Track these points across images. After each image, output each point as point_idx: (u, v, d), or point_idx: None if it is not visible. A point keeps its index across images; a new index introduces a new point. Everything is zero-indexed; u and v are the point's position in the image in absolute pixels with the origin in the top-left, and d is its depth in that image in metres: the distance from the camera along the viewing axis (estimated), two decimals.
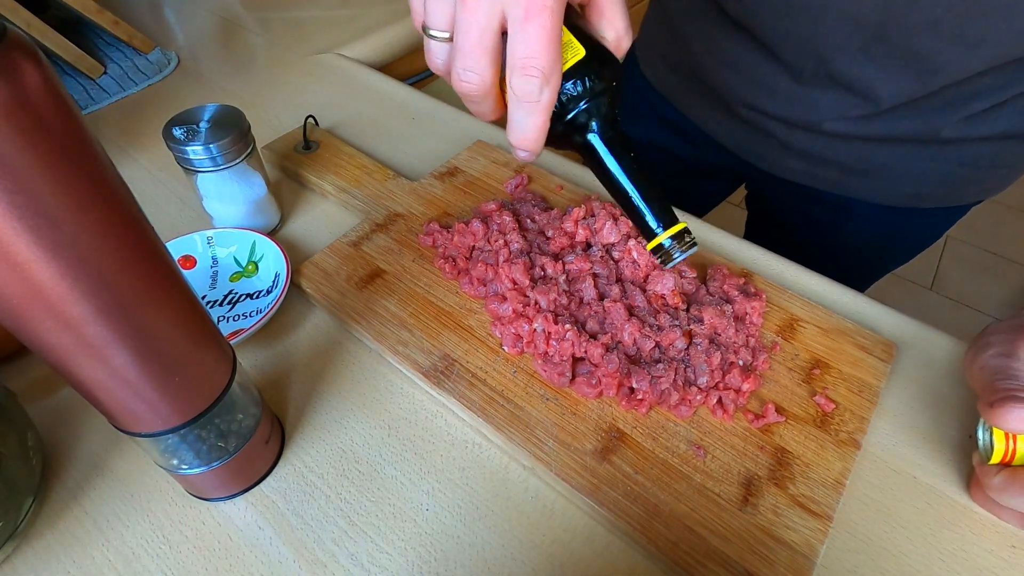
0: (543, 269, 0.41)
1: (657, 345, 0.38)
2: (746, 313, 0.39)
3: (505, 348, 0.39)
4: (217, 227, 0.46)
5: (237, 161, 0.42)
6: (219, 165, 0.41)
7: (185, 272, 0.44)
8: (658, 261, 0.30)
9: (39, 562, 0.31)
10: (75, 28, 0.71)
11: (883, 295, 0.46)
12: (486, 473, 0.35)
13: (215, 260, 0.45)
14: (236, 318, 0.42)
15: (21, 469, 0.31)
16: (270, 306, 0.40)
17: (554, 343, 0.37)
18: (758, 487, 0.33)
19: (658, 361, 0.37)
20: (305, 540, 0.32)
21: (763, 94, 0.50)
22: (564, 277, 0.41)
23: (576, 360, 0.37)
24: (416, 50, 0.81)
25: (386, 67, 0.76)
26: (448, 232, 0.44)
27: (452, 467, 0.35)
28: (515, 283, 0.40)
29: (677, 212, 0.49)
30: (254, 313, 0.42)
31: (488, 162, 0.52)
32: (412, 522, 0.33)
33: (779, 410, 0.36)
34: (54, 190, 0.18)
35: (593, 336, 0.38)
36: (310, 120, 0.55)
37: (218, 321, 0.42)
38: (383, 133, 0.59)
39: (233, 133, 0.41)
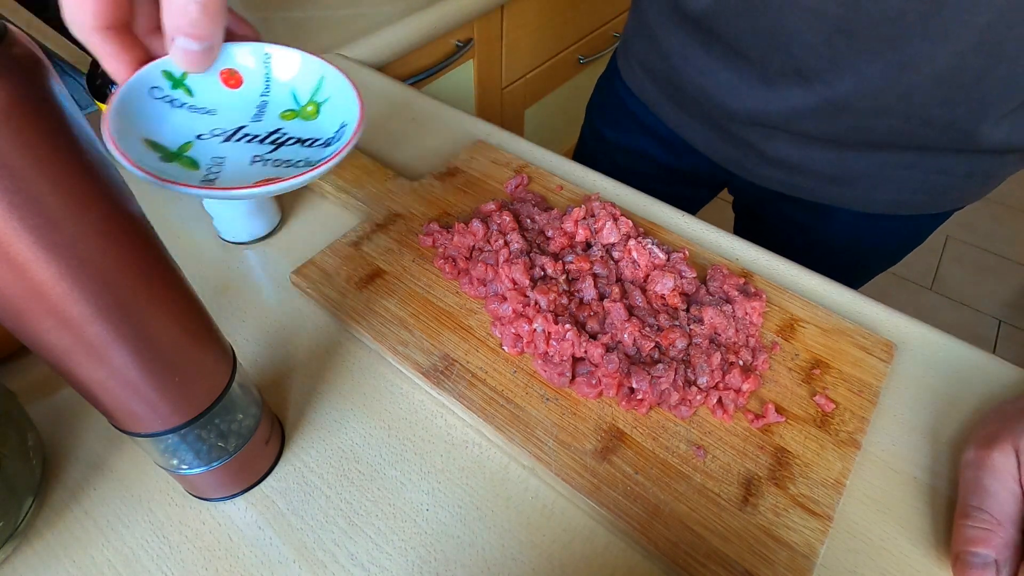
0: (543, 269, 0.41)
1: (657, 345, 0.38)
2: (746, 313, 0.40)
3: (505, 348, 0.39)
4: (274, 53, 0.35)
5: None
6: None
7: (227, 89, 0.36)
8: None
9: (39, 562, 0.31)
10: None
11: (883, 295, 0.46)
12: (486, 473, 0.35)
13: (268, 86, 0.36)
14: (276, 164, 0.34)
15: (21, 469, 0.31)
16: (322, 160, 0.31)
17: (554, 343, 0.37)
18: (758, 487, 0.33)
19: (658, 361, 0.37)
20: (305, 540, 0.32)
21: (734, 97, 0.50)
22: (564, 277, 0.41)
23: (576, 360, 0.37)
24: (416, 50, 0.81)
25: (386, 67, 0.77)
26: (448, 232, 0.45)
27: (452, 467, 0.35)
28: (515, 283, 0.40)
29: (666, 209, 0.49)
30: (300, 163, 0.34)
31: (488, 162, 0.52)
32: (412, 522, 0.33)
33: (779, 410, 0.36)
34: (54, 190, 0.18)
35: (593, 336, 0.38)
36: None
37: (252, 161, 0.34)
38: (383, 133, 0.59)
39: None
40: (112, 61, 0.29)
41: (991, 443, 0.32)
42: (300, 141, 0.35)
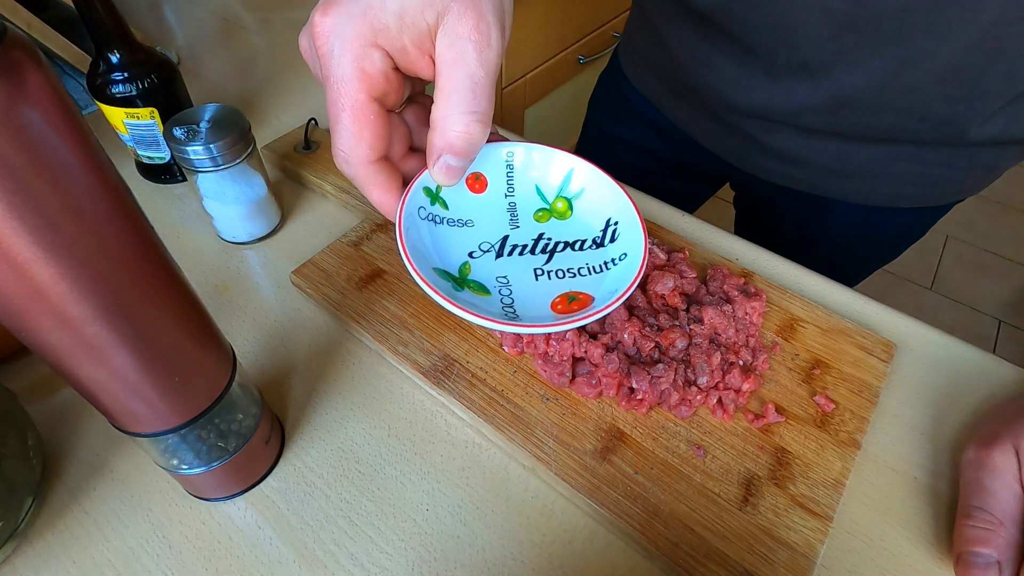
0: None
1: (657, 345, 0.38)
2: (746, 313, 0.39)
3: (505, 348, 0.39)
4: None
5: (237, 161, 0.42)
6: (219, 165, 0.41)
7: (473, 195, 0.35)
8: None
9: (39, 562, 0.31)
10: (75, 28, 0.71)
11: (883, 295, 0.46)
12: (486, 473, 0.35)
13: (511, 186, 0.35)
14: (559, 275, 0.32)
15: (21, 469, 0.31)
16: (633, 277, 0.29)
17: (554, 343, 0.37)
18: (758, 487, 0.33)
19: (658, 361, 0.37)
20: (305, 540, 0.32)
21: (739, 92, 0.50)
22: None
23: (576, 360, 0.37)
24: None
25: None
26: None
27: (452, 467, 0.35)
28: None
29: (666, 208, 0.48)
30: (582, 271, 0.32)
31: None
32: (412, 522, 0.33)
33: (779, 410, 0.36)
34: (54, 190, 0.18)
35: (593, 336, 0.38)
36: (311, 121, 0.55)
37: (536, 277, 0.33)
38: None
39: (233, 133, 0.41)
40: (382, 191, 0.30)
41: (991, 442, 0.32)
42: (568, 245, 0.34)
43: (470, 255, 0.34)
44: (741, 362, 0.38)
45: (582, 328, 0.38)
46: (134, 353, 0.23)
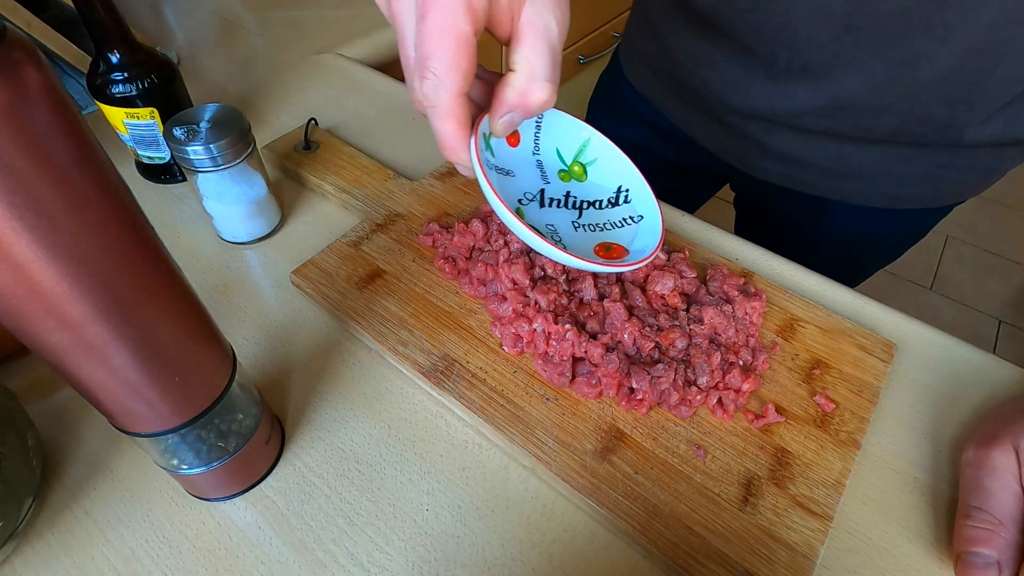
0: (543, 269, 0.41)
1: (657, 345, 0.38)
2: (746, 313, 0.39)
3: (505, 348, 0.39)
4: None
5: (237, 161, 0.42)
6: (219, 165, 0.41)
7: (509, 148, 0.38)
8: None
9: (39, 562, 0.31)
10: (75, 28, 0.70)
11: (883, 295, 0.46)
12: (486, 473, 0.35)
13: (536, 144, 0.39)
14: (591, 228, 0.37)
15: (21, 469, 0.31)
16: (660, 230, 0.35)
17: (554, 343, 0.37)
18: (758, 487, 0.33)
19: (658, 361, 0.37)
20: (305, 540, 0.32)
21: (739, 93, 0.50)
22: (564, 277, 0.41)
23: (576, 360, 0.37)
24: None
25: (386, 67, 0.76)
26: (448, 232, 0.44)
27: (452, 467, 0.35)
28: (515, 283, 0.40)
29: (666, 208, 0.49)
30: (606, 226, 0.37)
31: None
32: (412, 522, 0.33)
33: (779, 410, 0.36)
34: (54, 190, 0.18)
35: (593, 336, 0.38)
36: (311, 121, 0.55)
37: (575, 228, 0.37)
38: (383, 133, 0.59)
39: (233, 133, 0.41)
40: (458, 125, 0.30)
41: (991, 442, 0.32)
42: (591, 204, 0.38)
43: (519, 202, 0.36)
44: (741, 362, 0.38)
45: (582, 328, 0.38)
46: (134, 353, 0.23)
